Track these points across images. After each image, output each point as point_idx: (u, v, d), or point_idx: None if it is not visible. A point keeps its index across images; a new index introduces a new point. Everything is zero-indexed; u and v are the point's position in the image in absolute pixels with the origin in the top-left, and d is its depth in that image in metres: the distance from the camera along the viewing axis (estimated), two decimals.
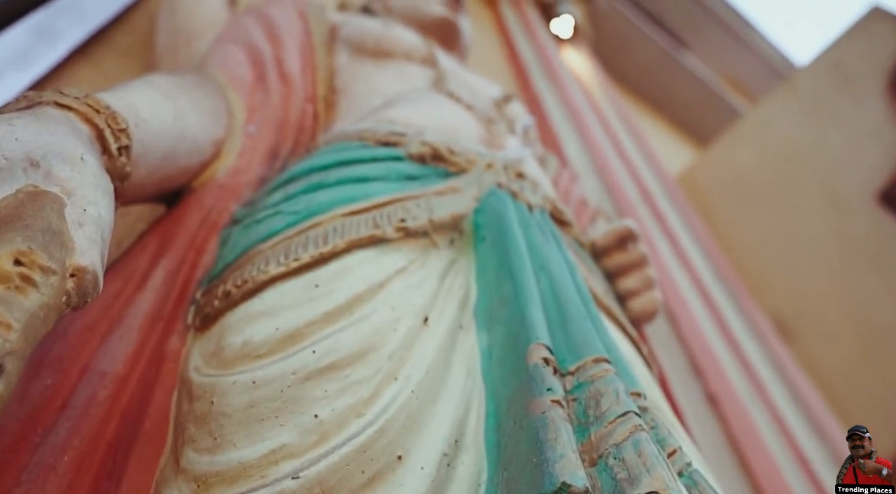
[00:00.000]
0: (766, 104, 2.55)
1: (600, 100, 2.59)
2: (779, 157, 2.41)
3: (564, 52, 2.81)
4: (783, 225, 2.34)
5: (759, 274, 2.39)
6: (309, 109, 0.87)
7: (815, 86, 2.30)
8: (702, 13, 3.93)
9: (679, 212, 2.08)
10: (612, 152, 2.15)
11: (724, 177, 2.67)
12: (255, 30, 0.91)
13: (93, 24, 1.04)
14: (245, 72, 0.83)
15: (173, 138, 0.62)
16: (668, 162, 3.12)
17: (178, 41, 0.94)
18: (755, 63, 4.25)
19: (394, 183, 0.65)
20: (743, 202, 2.57)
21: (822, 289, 2.19)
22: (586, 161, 1.99)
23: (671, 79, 3.73)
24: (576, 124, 2.15)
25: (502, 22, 2.74)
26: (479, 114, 0.86)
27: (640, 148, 2.37)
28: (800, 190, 2.32)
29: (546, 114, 2.16)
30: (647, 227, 1.81)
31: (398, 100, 0.84)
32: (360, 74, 0.94)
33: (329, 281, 0.51)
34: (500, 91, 1.11)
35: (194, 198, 0.67)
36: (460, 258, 0.62)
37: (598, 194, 1.86)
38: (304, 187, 0.63)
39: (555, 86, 2.32)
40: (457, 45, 1.26)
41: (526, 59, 2.50)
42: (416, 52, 0.99)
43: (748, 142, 2.54)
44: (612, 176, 1.95)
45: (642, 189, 2.00)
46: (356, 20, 1.04)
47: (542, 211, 0.72)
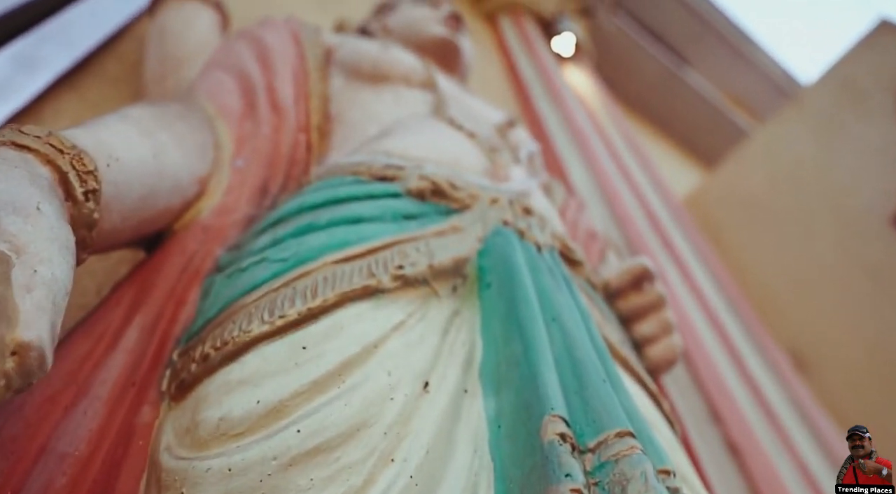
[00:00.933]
0: (774, 123, 2.51)
1: (604, 120, 2.56)
2: (789, 179, 2.36)
3: (566, 70, 2.79)
4: (796, 249, 2.28)
5: (772, 301, 2.33)
6: (302, 139, 0.83)
7: (824, 104, 2.26)
8: (703, 29, 3.91)
9: (690, 241, 2.02)
10: (619, 177, 2.10)
11: (732, 199, 2.62)
12: (247, 55, 0.87)
13: (79, 52, 1.00)
14: (234, 100, 0.79)
15: (152, 178, 0.57)
16: (674, 182, 3.08)
17: (166, 68, 0.90)
18: (757, 79, 4.23)
19: (390, 223, 0.60)
20: (753, 225, 2.52)
21: (838, 318, 2.12)
22: (592, 186, 1.94)
23: (674, 97, 3.71)
24: (580, 147, 2.10)
25: (502, 39, 2.72)
26: (481, 143, 0.82)
27: (647, 171, 2.33)
28: (812, 213, 2.27)
29: (549, 136, 2.12)
30: (658, 259, 1.76)
31: (395, 128, 0.80)
32: (356, 100, 0.89)
33: (318, 342, 0.46)
34: (502, 116, 1.07)
35: (176, 242, 0.62)
36: (463, 308, 0.57)
37: (605, 222, 1.81)
38: (293, 230, 0.58)
39: (558, 108, 2.29)
40: (457, 66, 1.22)
41: (527, 78, 2.47)
42: (414, 75, 0.95)
43: (757, 163, 2.50)
44: (619, 202, 1.91)
45: (651, 217, 1.95)
46: (352, 42, 1.00)
47: (552, 250, 0.67)
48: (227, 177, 0.70)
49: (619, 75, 3.47)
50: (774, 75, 4.24)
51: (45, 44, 0.98)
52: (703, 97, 3.79)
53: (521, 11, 2.82)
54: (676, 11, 3.75)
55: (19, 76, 0.92)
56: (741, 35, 4.06)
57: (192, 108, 0.74)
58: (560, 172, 1.96)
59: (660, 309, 0.78)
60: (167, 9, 0.97)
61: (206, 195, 0.67)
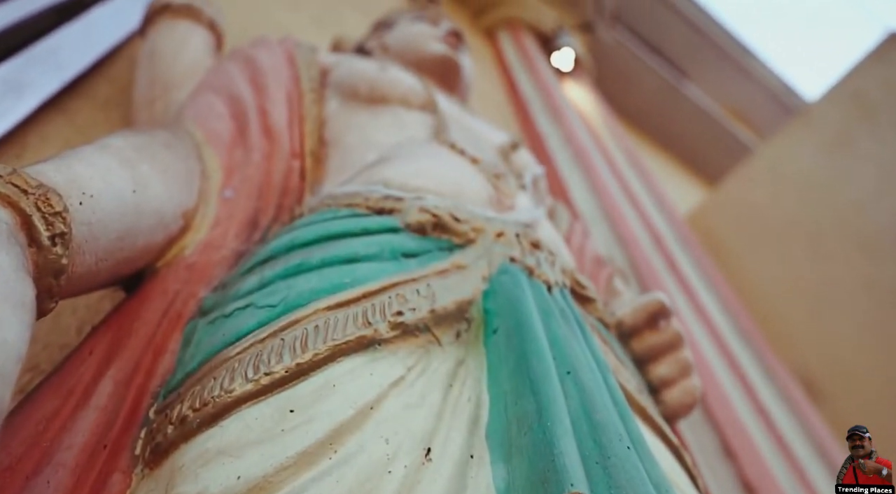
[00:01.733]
0: (779, 138, 2.47)
1: (605, 136, 2.52)
2: (797, 195, 2.31)
3: (566, 85, 2.76)
4: (805, 269, 2.23)
5: (781, 324, 2.27)
6: (295, 166, 0.78)
7: (833, 119, 2.22)
8: (702, 43, 3.90)
9: (696, 264, 1.98)
10: (621, 195, 2.06)
11: (736, 215, 2.58)
12: (238, 77, 0.83)
13: (68, 75, 0.96)
14: (224, 126, 0.74)
15: (131, 215, 0.52)
16: (674, 197, 3.04)
17: (155, 91, 0.85)
18: (757, 92, 4.21)
19: (388, 262, 0.56)
20: (759, 244, 2.47)
21: (851, 342, 2.06)
22: (594, 206, 1.90)
23: (673, 111, 3.68)
24: (582, 165, 2.06)
25: (501, 55, 2.70)
26: (485, 169, 0.77)
27: (650, 190, 2.29)
28: (823, 232, 2.22)
29: (550, 155, 2.08)
30: (664, 282, 1.71)
31: (394, 154, 0.75)
32: (353, 124, 0.85)
33: (307, 404, 0.41)
34: (506, 137, 1.02)
35: (157, 283, 0.58)
36: (468, 357, 0.52)
37: (608, 243, 1.77)
38: (282, 270, 0.54)
39: (559, 125, 2.25)
40: (458, 84, 1.19)
41: (527, 94, 2.44)
42: (414, 96, 0.91)
43: (762, 179, 2.46)
44: (622, 222, 1.86)
45: (655, 237, 1.91)
46: (348, 62, 0.96)
47: (563, 289, 0.62)
48: (215, 210, 0.65)
49: (619, 89, 3.45)
50: (774, 88, 4.22)
51: (32, 67, 0.94)
52: (702, 110, 3.77)
53: (520, 27, 2.79)
54: (675, 25, 3.73)
55: (5, 100, 0.88)
56: (740, 48, 4.05)
57: (179, 135, 0.69)
58: (562, 191, 1.92)
59: (677, 349, 0.73)
60: (158, 29, 0.93)
61: (192, 229, 0.62)
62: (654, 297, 0.74)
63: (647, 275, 1.72)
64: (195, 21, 0.95)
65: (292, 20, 1.60)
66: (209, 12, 0.98)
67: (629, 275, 1.57)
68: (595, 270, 1.09)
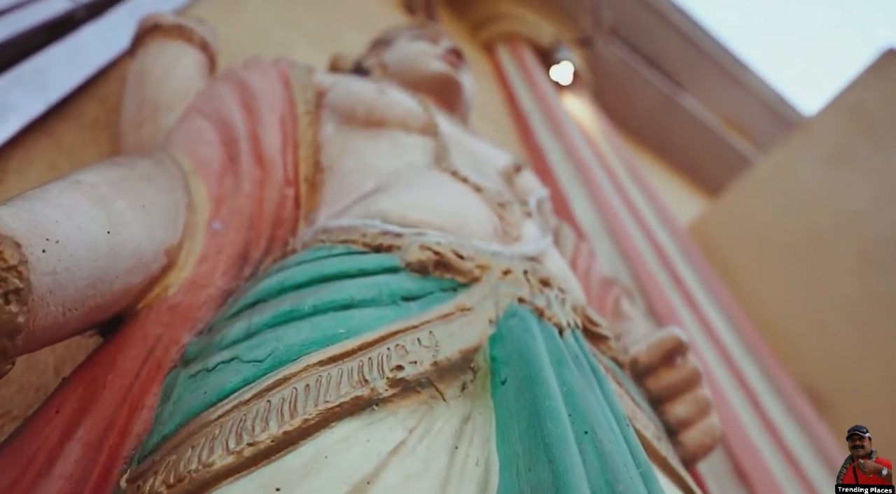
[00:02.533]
0: (780, 151, 2.42)
1: (605, 150, 2.48)
2: (799, 207, 2.27)
3: (565, 98, 2.71)
4: (808, 281, 2.18)
5: (784, 335, 2.22)
6: (289, 194, 0.73)
7: (833, 132, 2.18)
8: (697, 55, 3.86)
9: (701, 278, 1.93)
10: (623, 209, 2.01)
11: (738, 227, 2.53)
12: (230, 100, 0.78)
13: (55, 96, 0.91)
14: (214, 153, 0.69)
15: (104, 259, 0.47)
16: (676, 210, 3.00)
17: (143, 114, 0.80)
18: (751, 103, 4.18)
19: (387, 307, 0.50)
20: (760, 255, 2.42)
21: (856, 353, 2.01)
22: (597, 221, 1.85)
23: (671, 122, 3.64)
24: (584, 179, 2.02)
25: (501, 69, 2.65)
26: (489, 197, 0.72)
27: (651, 202, 2.24)
28: (825, 244, 2.17)
29: (551, 169, 2.03)
30: (669, 297, 1.66)
31: (393, 183, 0.70)
32: (349, 149, 0.80)
33: (295, 480, 0.36)
34: (509, 159, 0.97)
35: (137, 327, 0.52)
36: (475, 411, 0.47)
37: (612, 259, 1.72)
38: (271, 318, 0.48)
39: (559, 139, 2.21)
40: (458, 103, 1.14)
41: (527, 108, 2.39)
42: (413, 120, 0.86)
43: (763, 191, 2.41)
44: (625, 237, 1.81)
45: (659, 252, 1.86)
46: (345, 83, 0.91)
47: (575, 331, 0.57)
48: (202, 244, 0.60)
49: (616, 102, 3.41)
50: (769, 99, 4.19)
51: (16, 88, 0.89)
52: (700, 121, 3.73)
53: (518, 41, 2.75)
54: (670, 38, 3.70)
55: None
56: (735, 60, 4.02)
57: (164, 164, 0.64)
58: (564, 206, 1.88)
59: (695, 387, 0.68)
60: (148, 49, 0.88)
61: (176, 267, 0.57)
62: (670, 333, 0.69)
63: (652, 292, 1.67)
64: (186, 41, 0.90)
65: (290, 38, 1.56)
66: (201, 32, 0.93)
67: (635, 294, 1.52)
68: (602, 293, 1.04)
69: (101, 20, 1.06)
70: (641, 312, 1.56)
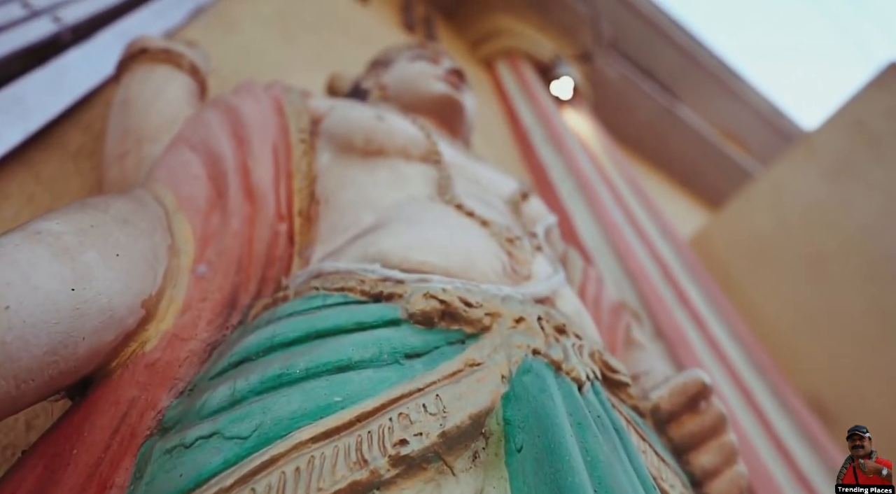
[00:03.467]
0: (782, 164, 2.38)
1: (606, 165, 2.43)
2: (801, 221, 2.22)
3: (565, 113, 2.67)
4: (814, 296, 2.13)
5: (788, 349, 2.17)
6: (282, 230, 0.67)
7: (835, 147, 2.14)
8: (695, 68, 3.83)
9: (707, 295, 1.87)
10: (627, 227, 1.96)
11: (740, 241, 2.48)
12: (218, 129, 0.72)
13: (35, 124, 0.86)
14: (200, 188, 0.64)
15: (68, 320, 0.41)
16: (676, 222, 2.95)
17: (127, 144, 0.75)
18: (746, 113, 4.15)
19: (388, 367, 0.44)
20: (763, 269, 2.37)
21: (860, 366, 1.96)
22: (600, 239, 1.80)
23: (670, 135, 3.60)
24: (586, 197, 1.96)
25: (500, 85, 2.61)
26: (497, 232, 0.67)
27: (654, 218, 2.19)
28: (829, 257, 2.12)
29: (553, 185, 1.98)
30: (675, 317, 1.60)
31: (393, 218, 0.65)
32: (347, 180, 0.74)
33: None
34: (515, 185, 0.92)
35: (108, 390, 0.46)
36: (488, 486, 0.41)
37: (617, 278, 1.66)
38: (258, 383, 0.42)
39: (561, 155, 2.16)
40: (460, 125, 1.08)
41: (527, 123, 2.35)
42: (414, 148, 0.80)
43: (765, 205, 2.36)
44: (630, 256, 1.76)
45: (664, 270, 1.80)
46: (342, 109, 0.85)
47: (595, 383, 0.51)
48: (185, 291, 0.54)
49: (614, 114, 3.37)
50: (764, 110, 4.16)
51: None
52: (697, 133, 3.69)
53: (518, 57, 2.71)
54: (667, 50, 3.67)
55: None
56: (731, 72, 3.99)
57: (144, 202, 0.59)
58: (567, 224, 1.82)
59: (721, 434, 0.62)
60: (134, 75, 0.83)
61: (155, 319, 0.51)
62: (693, 377, 0.63)
63: (658, 312, 1.61)
64: (175, 66, 0.85)
65: (286, 58, 1.51)
66: (191, 56, 0.88)
67: (642, 315, 1.46)
68: (613, 321, 0.98)
69: (87, 43, 1.01)
70: (650, 335, 1.50)
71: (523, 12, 2.75)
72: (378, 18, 2.28)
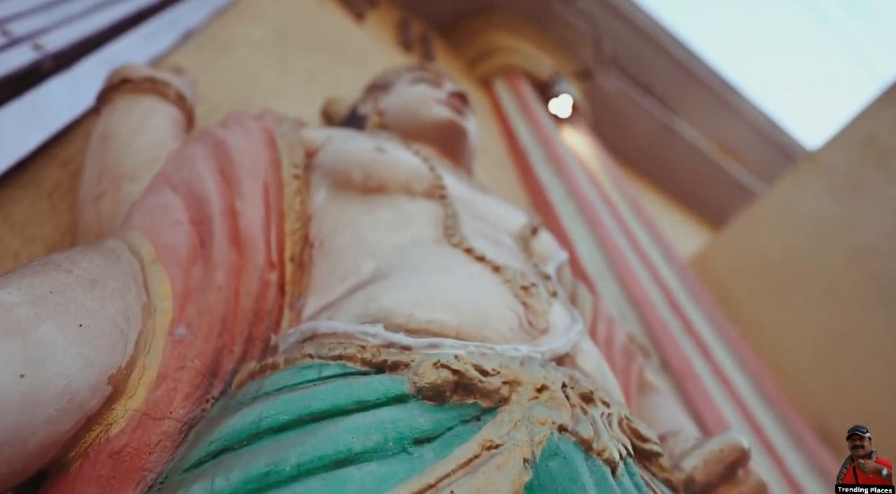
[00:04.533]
0: (787, 182, 2.32)
1: (606, 184, 2.37)
2: (808, 240, 2.16)
3: (564, 132, 2.62)
4: (821, 317, 2.06)
5: (795, 374, 2.10)
6: (272, 279, 0.61)
7: (843, 163, 2.08)
8: (692, 82, 3.80)
9: (711, 321, 1.80)
10: (629, 249, 1.90)
11: (743, 261, 2.42)
12: (204, 167, 0.66)
13: (9, 160, 0.79)
14: (181, 237, 0.57)
15: (15, 412, 0.35)
16: (676, 240, 2.89)
17: (104, 184, 0.68)
18: (743, 128, 4.12)
19: (394, 459, 0.38)
20: (769, 289, 2.30)
21: (872, 392, 1.89)
22: (602, 263, 1.74)
23: (669, 152, 3.56)
24: (587, 219, 1.91)
25: (498, 104, 2.56)
26: (510, 278, 0.60)
27: (656, 240, 2.13)
28: (838, 277, 2.06)
29: (553, 208, 1.92)
30: (682, 347, 1.53)
31: (395, 267, 0.58)
32: (344, 220, 0.68)
33: None
34: (523, 219, 0.86)
35: (64, 487, 0.39)
36: None
37: (620, 304, 1.60)
38: (241, 483, 0.35)
39: (560, 176, 2.10)
40: (463, 152, 1.03)
41: (526, 143, 2.29)
42: (417, 182, 0.74)
43: (770, 223, 2.31)
44: (633, 280, 1.69)
45: (668, 295, 1.74)
46: (338, 140, 0.79)
47: (628, 461, 0.44)
48: (160, 359, 0.47)
49: (613, 131, 3.33)
50: (757, 121, 4.13)
51: None
52: (697, 149, 3.65)
53: (516, 75, 2.67)
54: (665, 66, 3.64)
55: None
56: (729, 87, 3.97)
57: (117, 255, 0.52)
58: (568, 248, 1.76)
59: None
60: (115, 107, 0.76)
61: (123, 396, 0.44)
62: (731, 443, 0.56)
63: (663, 341, 1.55)
64: (160, 96, 0.79)
65: (281, 80, 1.45)
66: (177, 85, 0.82)
67: (648, 347, 1.39)
68: (626, 364, 0.92)
69: (69, 72, 0.95)
70: (657, 367, 1.43)
71: (521, 29, 2.71)
72: (374, 38, 2.23)
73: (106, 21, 1.11)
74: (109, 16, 1.13)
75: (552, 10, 2.71)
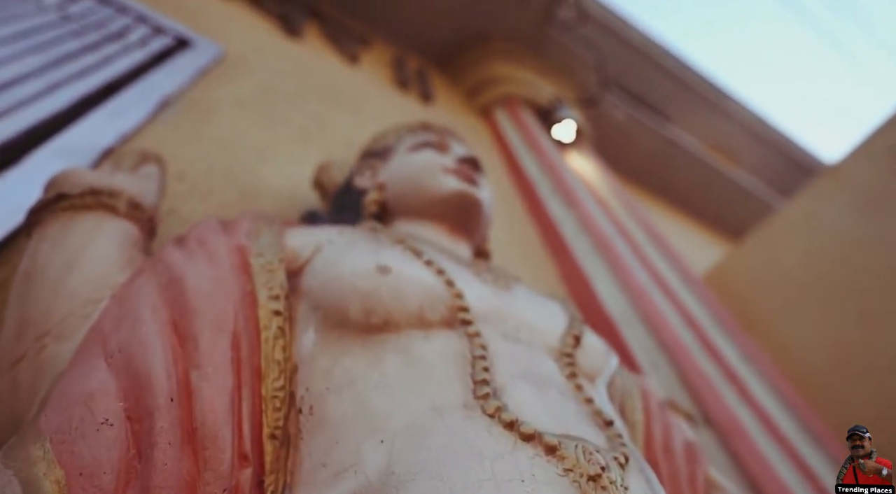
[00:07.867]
0: (807, 195, 2.13)
1: (619, 212, 2.18)
2: (832, 255, 1.97)
3: (569, 158, 2.43)
4: (851, 334, 1.87)
5: (823, 391, 1.90)
6: (244, 479, 0.42)
7: (867, 175, 1.89)
8: (691, 93, 3.61)
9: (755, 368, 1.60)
10: (653, 285, 1.70)
11: (762, 276, 2.22)
12: (151, 320, 0.47)
13: None
14: (108, 451, 0.38)
15: None
16: (691, 253, 2.69)
17: (24, 344, 0.49)
18: (736, 131, 3.92)
19: None
20: (791, 306, 2.10)
21: None
22: (625, 303, 1.54)
23: (674, 166, 3.37)
24: (604, 255, 1.71)
25: (500, 134, 2.37)
26: (572, 464, 0.41)
27: (678, 270, 1.93)
28: (864, 292, 1.86)
29: (567, 243, 1.73)
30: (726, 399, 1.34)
31: (410, 469, 0.39)
32: (340, 375, 0.49)
33: None
34: (562, 323, 0.66)
35: None
36: None
37: (648, 348, 1.40)
38: None
39: (571, 207, 1.91)
40: (477, 227, 0.84)
41: (532, 174, 2.10)
42: (432, 309, 0.54)
43: (790, 237, 2.11)
44: (661, 323, 1.49)
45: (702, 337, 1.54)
46: (330, 253, 0.60)
47: None
48: None
49: (616, 151, 3.14)
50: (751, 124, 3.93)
51: None
52: (701, 160, 3.46)
53: (516, 103, 2.48)
54: (660, 79, 3.45)
55: None
56: (723, 93, 3.78)
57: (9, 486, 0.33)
58: (586, 288, 1.56)
59: None
60: (45, 232, 0.57)
61: None
62: None
63: (702, 392, 1.35)
64: (106, 212, 0.60)
65: (269, 139, 1.27)
66: (131, 192, 0.63)
67: (695, 415, 1.20)
68: (690, 471, 0.73)
69: (12, 170, 0.77)
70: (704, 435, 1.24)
71: (519, 57, 2.52)
72: (368, 79, 2.05)
73: (64, 101, 0.93)
74: (68, 95, 0.95)
75: (548, 36, 2.52)
